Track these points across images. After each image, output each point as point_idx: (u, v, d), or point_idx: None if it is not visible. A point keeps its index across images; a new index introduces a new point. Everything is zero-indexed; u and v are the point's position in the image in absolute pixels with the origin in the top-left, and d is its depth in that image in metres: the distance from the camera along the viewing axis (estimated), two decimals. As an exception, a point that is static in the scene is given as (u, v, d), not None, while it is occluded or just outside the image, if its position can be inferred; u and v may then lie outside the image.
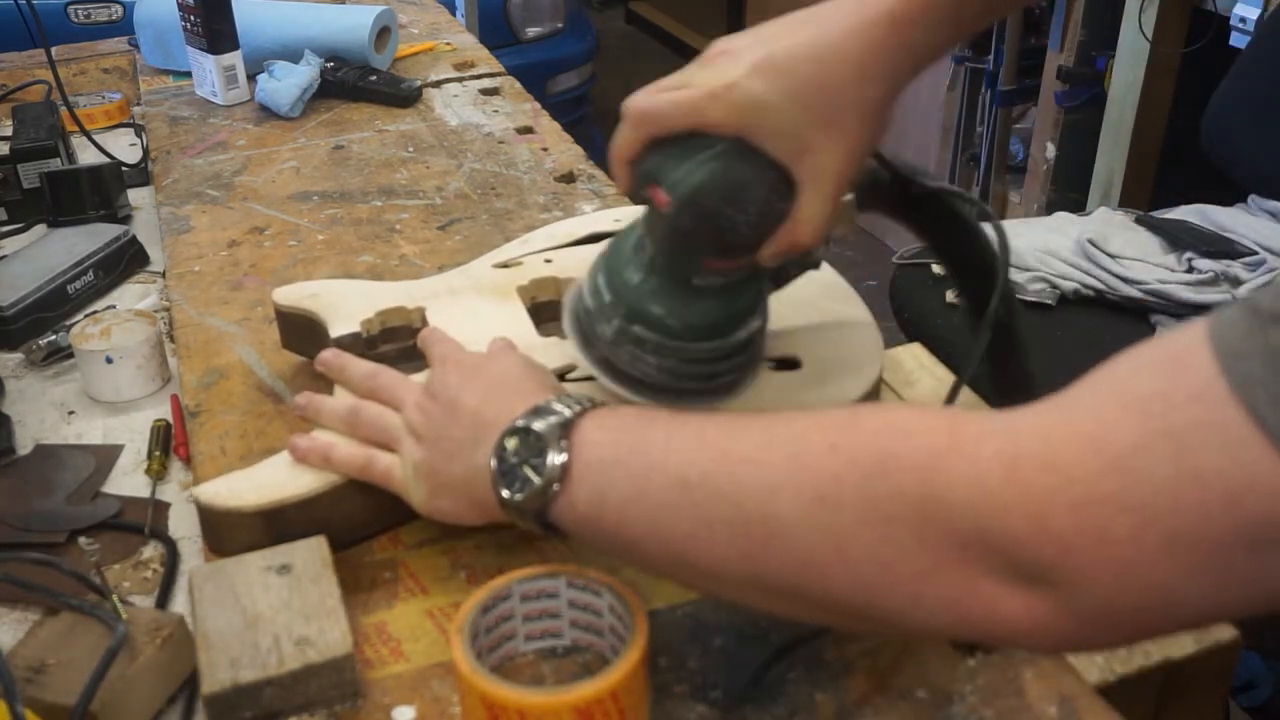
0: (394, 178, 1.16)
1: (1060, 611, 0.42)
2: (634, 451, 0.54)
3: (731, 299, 0.66)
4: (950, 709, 0.56)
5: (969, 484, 0.43)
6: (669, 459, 0.52)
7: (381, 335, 0.80)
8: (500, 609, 0.58)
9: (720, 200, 0.60)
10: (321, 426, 0.69)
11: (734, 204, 0.60)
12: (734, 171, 0.60)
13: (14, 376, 0.93)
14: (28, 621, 0.68)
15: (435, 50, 1.56)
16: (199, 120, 1.33)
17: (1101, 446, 0.41)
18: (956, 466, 0.44)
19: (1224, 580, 0.40)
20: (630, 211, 0.90)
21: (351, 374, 0.71)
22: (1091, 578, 0.41)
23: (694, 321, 0.65)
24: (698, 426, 0.53)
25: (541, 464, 0.55)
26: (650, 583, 0.64)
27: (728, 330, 0.67)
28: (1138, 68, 2.12)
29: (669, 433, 0.53)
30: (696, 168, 0.60)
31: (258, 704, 0.56)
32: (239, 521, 0.65)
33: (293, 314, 0.82)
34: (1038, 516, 0.41)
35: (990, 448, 0.43)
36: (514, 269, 0.84)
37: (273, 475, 0.67)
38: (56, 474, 0.81)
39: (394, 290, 0.83)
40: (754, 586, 0.50)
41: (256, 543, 0.65)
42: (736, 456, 0.50)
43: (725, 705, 0.56)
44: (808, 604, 0.49)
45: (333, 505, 0.66)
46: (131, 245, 1.08)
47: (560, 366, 0.72)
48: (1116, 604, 0.41)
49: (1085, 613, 0.42)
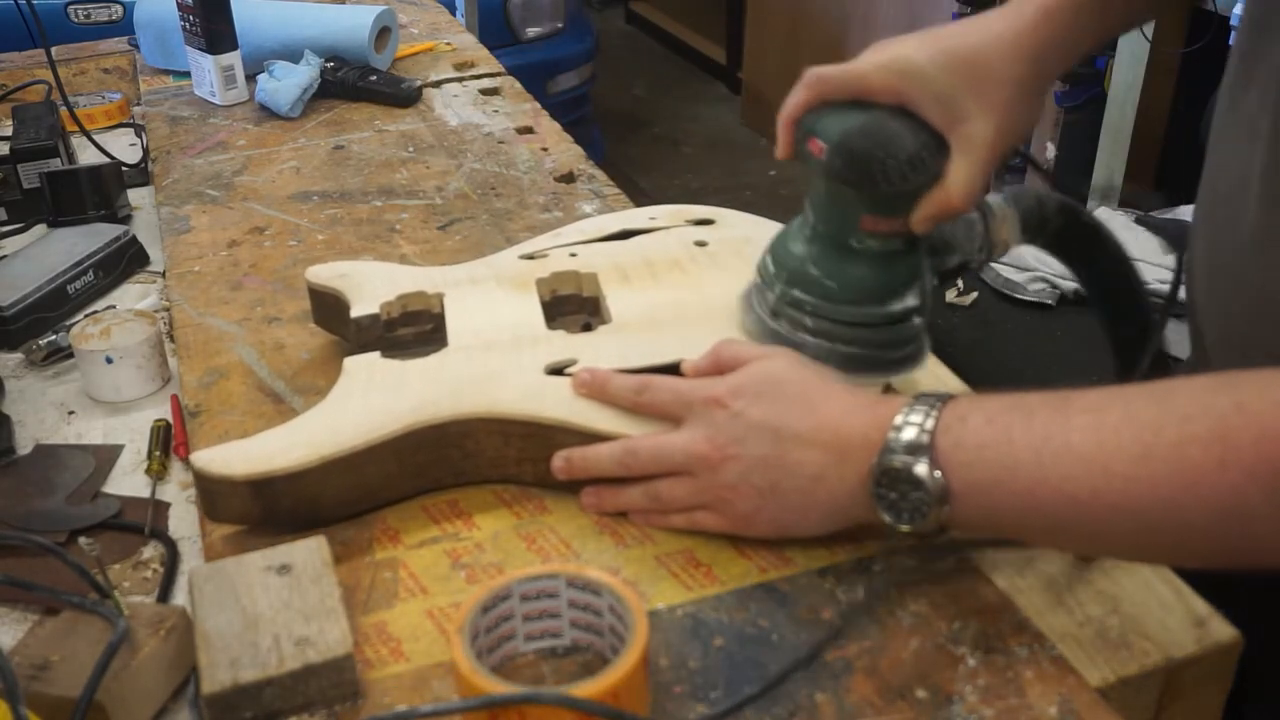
0: (394, 178, 1.16)
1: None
2: (1008, 470, 0.55)
3: (888, 266, 0.69)
4: (950, 709, 0.56)
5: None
6: (1048, 476, 0.54)
7: (401, 318, 0.81)
8: (500, 609, 0.58)
9: (872, 144, 0.65)
10: (595, 478, 0.68)
11: (885, 149, 0.65)
12: (887, 122, 0.66)
13: (14, 376, 0.93)
14: (28, 621, 0.68)
15: (435, 50, 1.56)
16: (199, 120, 1.33)
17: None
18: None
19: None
20: (667, 210, 0.91)
21: (615, 390, 0.68)
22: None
23: (850, 284, 0.69)
24: (1061, 439, 0.54)
25: (924, 496, 0.56)
26: (650, 582, 0.64)
27: (884, 297, 0.69)
28: (1138, 68, 2.12)
29: (1033, 449, 0.54)
30: (852, 119, 0.66)
31: (258, 704, 0.56)
32: (229, 489, 0.66)
33: (323, 292, 0.84)
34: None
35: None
36: (538, 261, 0.85)
37: (266, 447, 0.67)
38: (56, 474, 0.81)
39: (418, 275, 0.84)
40: (1168, 564, 0.58)
41: (247, 511, 0.67)
42: (1121, 474, 0.52)
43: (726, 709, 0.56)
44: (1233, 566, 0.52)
45: (322, 480, 0.67)
46: (131, 245, 1.08)
47: (562, 360, 0.73)
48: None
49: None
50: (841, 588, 0.63)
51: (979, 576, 0.64)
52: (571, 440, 0.68)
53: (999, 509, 0.56)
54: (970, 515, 0.57)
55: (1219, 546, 0.52)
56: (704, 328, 0.75)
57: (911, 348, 0.72)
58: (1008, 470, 0.55)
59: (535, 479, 0.71)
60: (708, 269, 0.82)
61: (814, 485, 0.61)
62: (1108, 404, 0.54)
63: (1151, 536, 0.53)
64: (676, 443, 0.65)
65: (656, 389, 0.67)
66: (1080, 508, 0.53)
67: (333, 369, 0.75)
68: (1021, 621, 0.61)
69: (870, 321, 0.70)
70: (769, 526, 0.64)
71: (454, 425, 0.69)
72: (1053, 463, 0.54)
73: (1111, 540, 0.56)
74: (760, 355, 0.66)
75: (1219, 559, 0.53)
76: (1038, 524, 0.56)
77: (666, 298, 0.79)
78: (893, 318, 0.70)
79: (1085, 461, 0.53)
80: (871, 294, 0.69)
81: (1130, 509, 0.52)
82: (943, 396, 0.58)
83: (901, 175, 0.65)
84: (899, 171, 0.65)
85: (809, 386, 0.63)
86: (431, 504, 0.71)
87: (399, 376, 0.72)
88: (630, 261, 0.83)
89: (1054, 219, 0.73)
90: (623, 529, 0.68)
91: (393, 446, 0.68)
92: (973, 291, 1.67)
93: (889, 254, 0.69)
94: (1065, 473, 0.53)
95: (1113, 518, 0.53)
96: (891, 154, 0.65)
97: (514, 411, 0.69)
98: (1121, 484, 0.52)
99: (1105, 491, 0.52)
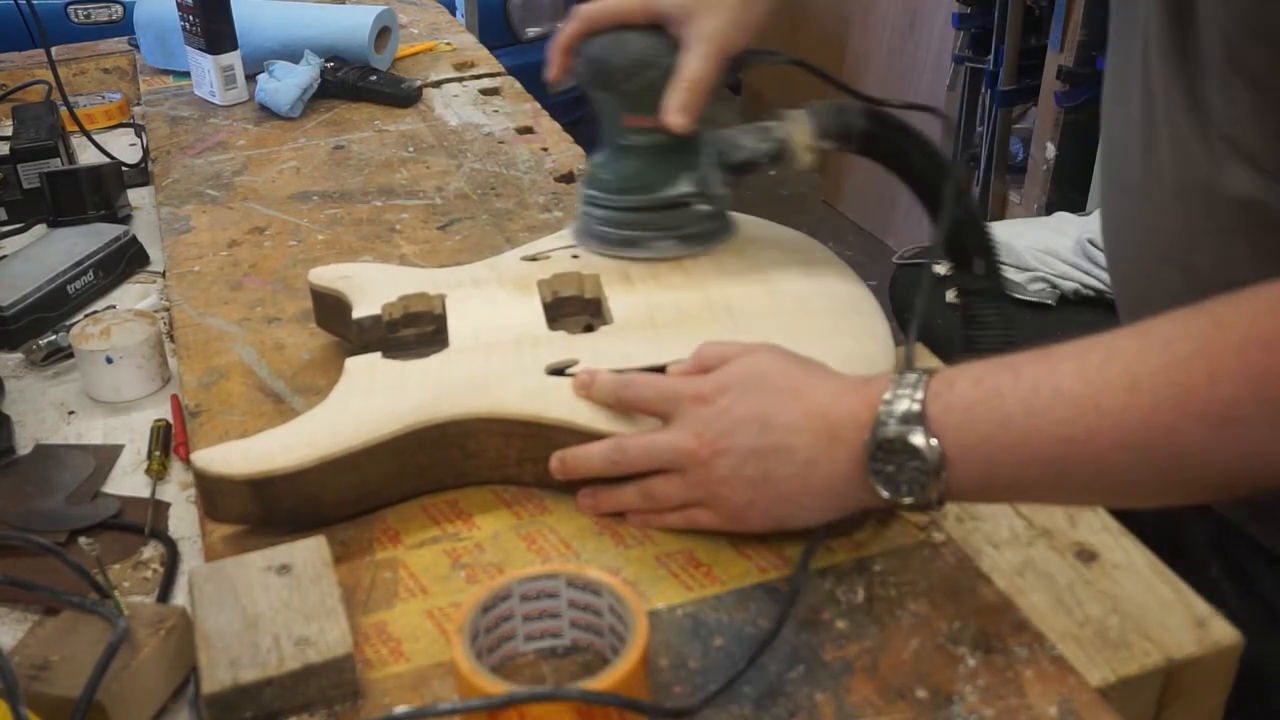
0: (394, 178, 1.16)
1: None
2: (1000, 425, 0.55)
3: (655, 158, 0.82)
4: (950, 709, 0.56)
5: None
6: (1040, 424, 0.54)
7: (403, 319, 0.81)
8: (500, 609, 0.58)
9: (606, 53, 0.79)
10: (584, 478, 0.68)
11: (616, 54, 0.79)
12: (622, 35, 0.79)
13: (14, 376, 0.93)
14: (28, 621, 0.68)
15: (435, 50, 1.56)
16: (199, 120, 1.33)
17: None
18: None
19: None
20: None
21: (599, 388, 0.69)
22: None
23: (622, 174, 0.83)
24: (1050, 387, 0.54)
25: (921, 464, 0.56)
26: (650, 582, 0.64)
27: (654, 185, 0.82)
28: (1138, 68, 2.12)
29: (1023, 401, 0.54)
30: (599, 37, 0.79)
31: (258, 704, 0.56)
32: (229, 489, 0.66)
33: (325, 293, 0.84)
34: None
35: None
36: (540, 262, 0.85)
37: (266, 446, 0.67)
38: (56, 474, 0.81)
39: (420, 277, 0.84)
40: (1167, 501, 0.56)
41: (247, 511, 0.67)
42: (1113, 409, 0.52)
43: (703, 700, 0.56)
44: (1240, 491, 0.53)
45: (322, 480, 0.67)
46: (131, 245, 1.08)
47: (562, 361, 0.73)
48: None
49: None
50: (842, 588, 0.63)
51: (979, 576, 0.64)
52: (572, 441, 0.68)
53: (996, 467, 0.56)
54: (968, 479, 0.56)
55: (1220, 469, 0.51)
56: (705, 329, 0.75)
57: (697, 228, 0.84)
58: (1000, 425, 0.55)
59: (536, 480, 0.71)
60: (709, 270, 0.82)
61: (807, 471, 0.61)
62: (1089, 347, 0.54)
63: (1152, 469, 0.53)
64: (665, 440, 0.65)
65: (638, 386, 0.67)
66: (1077, 449, 0.53)
67: (333, 369, 0.75)
68: (1021, 621, 0.61)
69: (644, 206, 0.82)
70: (764, 519, 0.64)
71: (454, 425, 0.69)
72: (1044, 410, 0.53)
73: (1113, 481, 0.55)
74: (743, 351, 0.66)
75: (1222, 484, 0.52)
76: (1037, 477, 0.55)
77: (668, 299, 0.79)
78: (666, 202, 0.82)
79: (1076, 402, 0.53)
80: (640, 182, 0.82)
81: (1127, 442, 0.52)
82: (927, 370, 0.59)
83: (632, 72, 0.78)
84: (628, 70, 0.78)
85: (794, 376, 0.64)
86: (431, 504, 0.71)
87: (400, 377, 0.72)
88: (632, 263, 0.83)
89: (857, 122, 0.78)
90: (623, 529, 0.68)
91: (393, 447, 0.68)
92: (973, 291, 1.67)
93: (655, 147, 0.82)
94: (1058, 417, 0.53)
95: (1111, 454, 0.52)
96: (620, 57, 0.78)
97: (515, 412, 0.69)
98: (1115, 418, 0.52)
99: (1100, 429, 0.52)
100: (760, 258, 0.83)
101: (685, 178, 0.82)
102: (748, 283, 0.80)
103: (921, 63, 2.92)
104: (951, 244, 0.77)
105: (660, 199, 0.82)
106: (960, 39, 2.66)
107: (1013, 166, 2.62)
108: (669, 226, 0.83)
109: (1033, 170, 2.44)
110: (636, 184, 0.83)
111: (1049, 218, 1.72)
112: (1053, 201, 2.37)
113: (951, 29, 2.67)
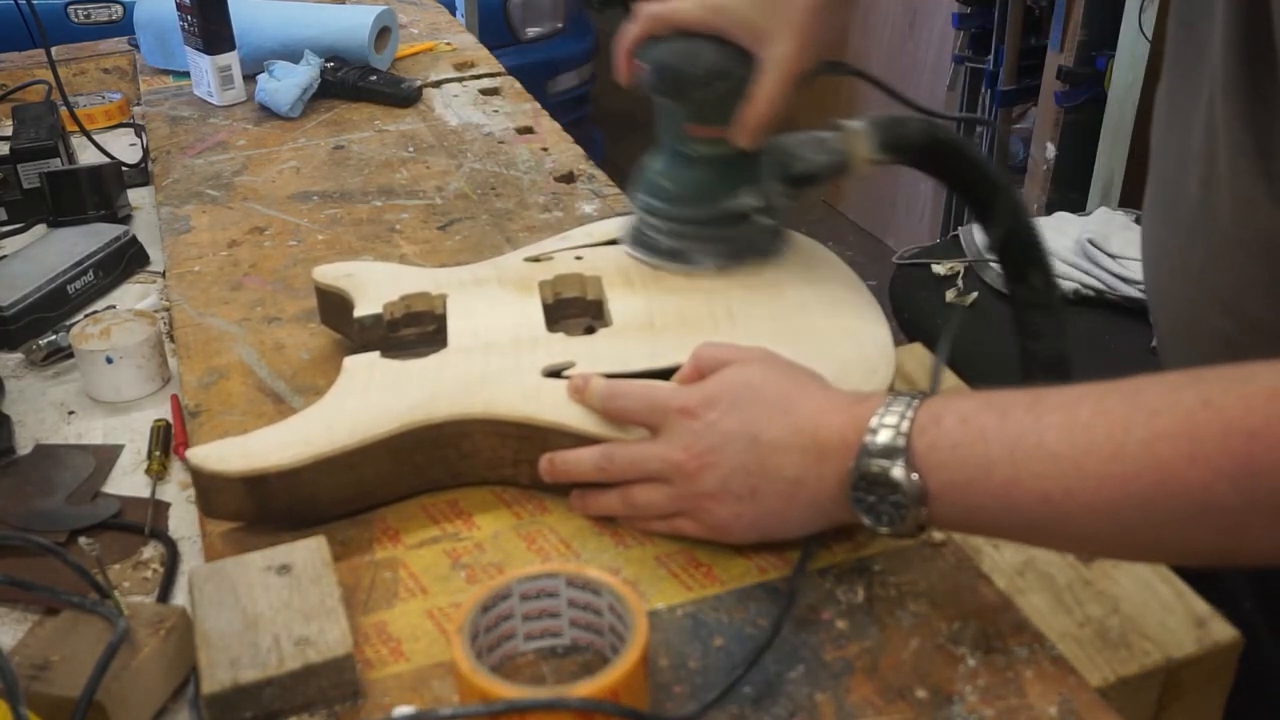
0: (394, 178, 1.16)
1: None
2: (983, 469, 0.55)
3: (719, 169, 0.80)
4: (950, 709, 0.56)
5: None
6: (1021, 475, 0.54)
7: (404, 319, 0.81)
8: (500, 608, 0.58)
9: (678, 61, 0.77)
10: (572, 484, 0.68)
11: (688, 63, 0.76)
12: (693, 42, 0.77)
13: (14, 376, 0.93)
14: (28, 621, 0.68)
15: (435, 50, 1.56)
16: (199, 120, 1.33)
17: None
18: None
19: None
20: None
21: (590, 394, 0.69)
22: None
23: (685, 185, 0.81)
24: (1034, 438, 0.54)
25: (901, 499, 0.57)
26: (650, 582, 0.64)
27: (716, 197, 0.81)
28: (1138, 68, 2.12)
29: (1007, 448, 0.54)
30: (666, 44, 0.78)
31: (258, 704, 0.56)
32: (224, 486, 0.66)
33: (328, 291, 0.84)
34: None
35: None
36: (543, 263, 0.85)
37: (262, 444, 0.67)
38: (56, 474, 0.81)
39: (422, 276, 0.84)
40: (1145, 561, 0.59)
41: (243, 508, 0.67)
42: (1093, 473, 0.52)
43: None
44: (1217, 564, 0.54)
45: (317, 478, 0.67)
46: (131, 245, 1.08)
47: (560, 363, 0.73)
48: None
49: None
50: (841, 587, 0.63)
51: (979, 576, 0.64)
52: (567, 443, 0.68)
53: (976, 508, 0.56)
54: (948, 515, 0.57)
55: (1193, 542, 0.52)
56: (704, 333, 0.75)
57: (759, 242, 0.83)
58: (983, 470, 0.55)
59: (531, 481, 0.71)
60: (710, 272, 0.82)
61: (794, 488, 0.61)
62: (1079, 400, 0.54)
63: (1126, 534, 0.53)
64: (653, 451, 0.65)
65: (625, 395, 0.67)
66: (1054, 506, 0.53)
67: (333, 369, 0.75)
68: (1021, 621, 0.61)
69: (705, 219, 0.81)
70: (748, 532, 0.64)
71: (450, 425, 0.69)
72: (1026, 461, 0.54)
73: (1087, 538, 0.55)
74: (736, 359, 0.66)
75: (1194, 555, 0.53)
76: (1014, 522, 0.56)
77: (668, 302, 0.79)
78: (728, 213, 0.81)
79: (1057, 460, 0.53)
80: (704, 193, 0.81)
81: (1103, 507, 0.52)
82: (918, 395, 0.59)
83: (704, 83, 0.76)
84: (701, 80, 0.76)
85: (784, 390, 0.63)
86: (431, 504, 0.71)
87: (398, 376, 0.72)
88: (634, 265, 0.83)
89: (915, 137, 0.78)
90: (622, 529, 0.68)
91: (388, 446, 0.68)
92: (973, 292, 1.67)
93: (719, 158, 0.80)
94: (1038, 471, 0.53)
95: (1087, 516, 0.53)
96: (694, 66, 0.76)
97: (510, 413, 0.69)
98: (1094, 482, 0.52)
99: (1078, 490, 0.52)
100: (762, 261, 0.83)
101: (747, 190, 0.81)
102: (749, 286, 0.80)
103: (921, 63, 2.92)
104: (1005, 257, 0.77)
105: (722, 210, 0.81)
106: (960, 39, 2.66)
107: (1013, 166, 2.62)
108: (726, 239, 0.81)
109: (1033, 170, 2.44)
110: (700, 194, 0.81)
111: (1049, 218, 1.72)
112: (1053, 201, 2.37)
113: (951, 29, 2.67)
